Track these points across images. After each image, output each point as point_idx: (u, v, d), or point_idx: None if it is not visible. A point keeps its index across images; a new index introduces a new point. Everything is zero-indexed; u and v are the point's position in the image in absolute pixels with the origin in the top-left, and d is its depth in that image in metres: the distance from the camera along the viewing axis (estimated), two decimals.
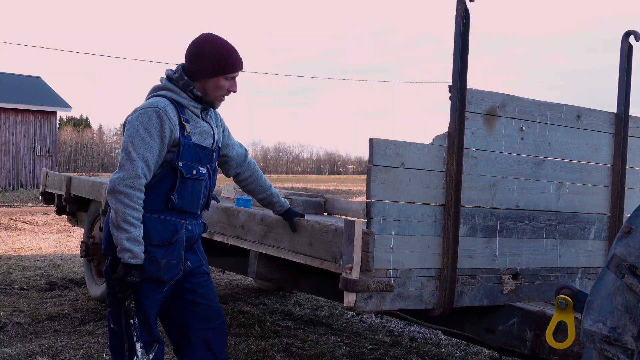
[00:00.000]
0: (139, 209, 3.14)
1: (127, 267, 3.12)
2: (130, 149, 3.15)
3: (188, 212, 3.35)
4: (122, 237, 3.11)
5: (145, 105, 3.24)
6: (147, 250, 3.20)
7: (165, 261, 3.26)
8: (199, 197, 3.39)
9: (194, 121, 3.33)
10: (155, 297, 3.32)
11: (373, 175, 3.20)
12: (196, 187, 3.35)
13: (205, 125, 3.40)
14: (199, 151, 3.32)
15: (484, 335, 3.80)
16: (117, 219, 3.12)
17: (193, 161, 3.30)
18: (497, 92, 3.62)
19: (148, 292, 3.27)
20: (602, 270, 2.43)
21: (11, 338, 5.69)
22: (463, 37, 3.43)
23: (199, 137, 3.34)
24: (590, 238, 4.06)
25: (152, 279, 3.24)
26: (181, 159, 3.25)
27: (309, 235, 3.65)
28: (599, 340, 2.34)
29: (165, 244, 3.25)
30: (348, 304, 3.18)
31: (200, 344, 3.47)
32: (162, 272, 3.26)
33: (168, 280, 3.30)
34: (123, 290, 3.16)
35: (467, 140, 3.47)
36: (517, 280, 3.75)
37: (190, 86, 3.30)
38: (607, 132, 4.08)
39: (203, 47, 3.31)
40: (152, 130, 3.16)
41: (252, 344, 5.66)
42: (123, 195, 3.11)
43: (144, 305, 3.29)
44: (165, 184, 3.26)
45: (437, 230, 3.43)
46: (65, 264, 9.67)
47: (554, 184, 3.86)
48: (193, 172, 3.30)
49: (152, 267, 3.22)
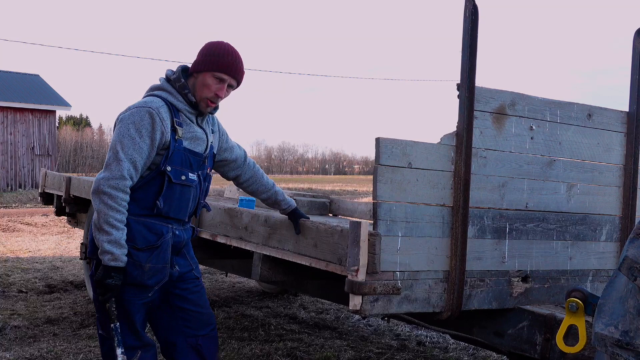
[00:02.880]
0: (122, 211, 3.14)
1: (106, 269, 3.13)
2: (119, 148, 3.15)
3: (174, 218, 3.34)
4: (103, 239, 3.11)
5: (138, 104, 3.24)
6: (131, 254, 3.20)
7: (149, 265, 3.25)
8: (187, 204, 3.38)
9: (187, 125, 3.33)
10: (140, 302, 3.32)
11: (379, 176, 3.20)
12: (185, 194, 3.34)
13: (199, 131, 3.39)
14: (189, 156, 3.32)
15: (493, 339, 3.80)
16: (99, 220, 3.12)
17: (183, 166, 3.29)
18: (507, 90, 3.62)
19: (132, 296, 3.28)
20: (613, 273, 2.43)
21: (9, 342, 5.71)
22: (471, 33, 3.43)
23: (191, 143, 3.33)
24: (601, 240, 4.06)
25: (136, 283, 3.25)
26: (170, 164, 3.24)
27: (314, 236, 3.66)
28: (610, 344, 2.34)
29: (150, 247, 3.25)
30: (354, 307, 3.18)
31: (190, 350, 3.47)
32: (147, 277, 3.26)
33: (153, 285, 3.30)
34: (103, 293, 3.16)
35: (475, 140, 3.47)
36: (527, 283, 3.75)
37: (185, 89, 3.31)
38: (618, 131, 4.08)
39: (208, 45, 3.36)
40: (143, 131, 3.16)
41: (256, 348, 5.67)
42: (107, 197, 3.11)
43: (129, 310, 3.30)
44: (152, 187, 3.25)
45: (444, 232, 3.44)
46: (64, 266, 9.69)
47: (564, 185, 3.87)
48: (182, 178, 3.30)
49: (136, 272, 3.22)
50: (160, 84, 3.36)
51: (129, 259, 3.18)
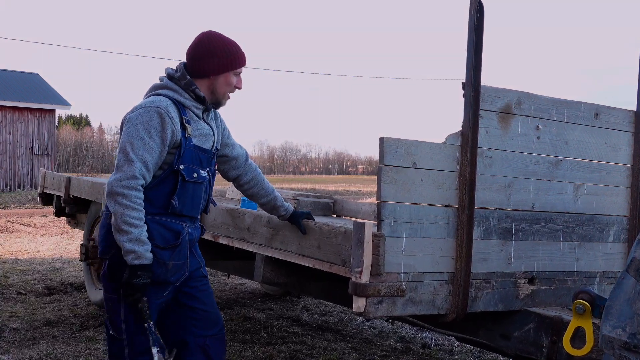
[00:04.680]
0: (139, 208, 3.14)
1: (132, 269, 3.13)
2: (129, 149, 3.15)
3: (187, 216, 3.37)
4: (123, 240, 3.12)
5: (145, 104, 3.24)
6: (155, 253, 3.21)
7: (172, 263, 3.29)
8: (199, 201, 3.41)
9: (195, 122, 3.35)
10: (157, 302, 3.34)
11: (384, 176, 3.21)
12: (197, 191, 3.37)
13: (206, 127, 3.42)
14: (199, 154, 3.35)
15: (499, 342, 3.80)
16: (117, 221, 3.13)
17: (194, 164, 3.32)
18: (513, 89, 3.63)
19: (150, 296, 3.30)
20: (621, 274, 2.43)
21: (8, 344, 5.73)
22: (477, 31, 3.44)
23: (199, 139, 3.36)
24: (609, 241, 4.06)
25: (160, 281, 3.27)
26: (182, 162, 3.26)
27: (318, 237, 3.66)
28: (618, 346, 2.34)
29: (171, 246, 3.28)
30: (358, 309, 3.19)
31: (198, 351, 3.48)
32: (170, 274, 3.30)
33: (175, 281, 3.34)
34: (132, 294, 3.17)
35: (481, 139, 3.48)
36: (533, 285, 3.75)
37: (192, 86, 3.32)
38: (626, 130, 4.08)
39: (213, 45, 3.36)
40: (152, 131, 3.17)
41: (259, 351, 5.68)
42: (121, 197, 3.11)
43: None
44: (165, 187, 3.27)
45: (450, 233, 3.44)
46: (64, 268, 9.71)
47: (571, 185, 3.87)
48: (194, 176, 3.32)
49: (160, 270, 3.25)
50: (163, 82, 3.37)
51: (153, 257, 3.20)
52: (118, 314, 3.31)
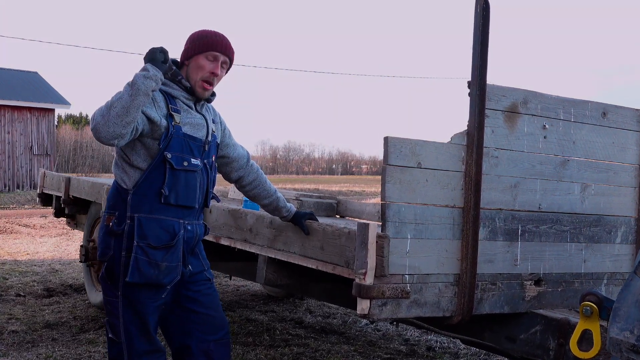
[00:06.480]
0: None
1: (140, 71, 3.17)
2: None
3: (184, 206, 3.36)
4: (128, 83, 3.12)
5: None
6: (147, 253, 3.22)
7: (165, 264, 3.28)
8: (194, 191, 3.40)
9: (185, 112, 3.39)
10: (154, 304, 3.35)
11: (388, 176, 3.21)
12: (190, 180, 3.37)
13: (199, 117, 3.45)
14: (189, 142, 3.36)
15: (505, 344, 3.81)
16: (110, 107, 3.08)
17: (183, 152, 3.33)
18: (519, 88, 3.63)
19: (146, 298, 3.30)
20: (629, 276, 2.44)
21: (7, 347, 5.74)
22: (483, 30, 3.44)
23: (190, 128, 3.38)
24: (616, 242, 4.06)
25: (152, 283, 3.27)
26: (169, 150, 3.28)
27: (321, 239, 3.67)
28: (625, 349, 2.35)
29: (165, 246, 3.28)
30: (362, 311, 3.19)
31: (201, 356, 3.48)
32: (162, 276, 3.29)
33: (167, 283, 3.33)
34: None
35: (487, 139, 3.48)
36: (540, 287, 3.75)
37: (178, 76, 3.39)
38: (634, 130, 4.08)
39: (192, 34, 3.47)
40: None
41: (261, 354, 5.69)
42: (104, 108, 3.10)
43: (143, 312, 3.32)
44: (156, 178, 3.28)
45: (455, 234, 3.44)
46: (63, 269, 9.72)
47: (578, 185, 3.87)
48: (184, 164, 3.33)
49: (152, 271, 3.25)
50: None
51: (144, 258, 3.22)
52: (117, 317, 3.32)
